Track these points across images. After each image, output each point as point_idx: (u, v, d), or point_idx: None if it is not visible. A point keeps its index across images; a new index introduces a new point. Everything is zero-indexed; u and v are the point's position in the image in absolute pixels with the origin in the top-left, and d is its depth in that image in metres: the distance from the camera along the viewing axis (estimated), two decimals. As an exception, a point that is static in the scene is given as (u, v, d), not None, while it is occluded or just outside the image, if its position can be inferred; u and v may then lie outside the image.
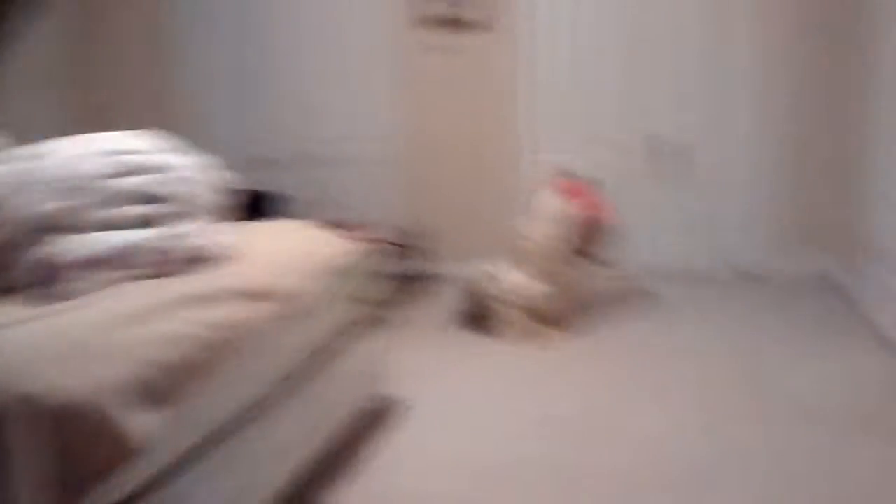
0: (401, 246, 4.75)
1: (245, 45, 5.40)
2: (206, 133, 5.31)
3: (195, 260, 2.12)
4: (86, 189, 2.01)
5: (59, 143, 2.19)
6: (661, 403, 3.03)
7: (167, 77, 5.42)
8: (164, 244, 2.04)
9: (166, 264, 2.03)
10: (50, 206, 1.95)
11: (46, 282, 1.86)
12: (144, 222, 2.07)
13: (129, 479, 1.56)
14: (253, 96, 5.45)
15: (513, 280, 3.88)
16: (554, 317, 3.84)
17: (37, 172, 2.01)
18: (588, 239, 3.93)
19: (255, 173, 5.42)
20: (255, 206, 4.60)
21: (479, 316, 3.98)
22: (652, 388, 3.19)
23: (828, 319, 3.85)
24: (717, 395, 3.09)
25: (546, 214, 3.88)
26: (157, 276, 2.00)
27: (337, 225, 4.45)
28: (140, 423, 1.56)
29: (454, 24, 4.91)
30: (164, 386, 1.66)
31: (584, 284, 4.05)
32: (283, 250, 2.47)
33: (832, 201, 4.49)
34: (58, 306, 1.78)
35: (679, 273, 4.82)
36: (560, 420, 2.89)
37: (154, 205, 2.14)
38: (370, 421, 2.90)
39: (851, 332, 3.62)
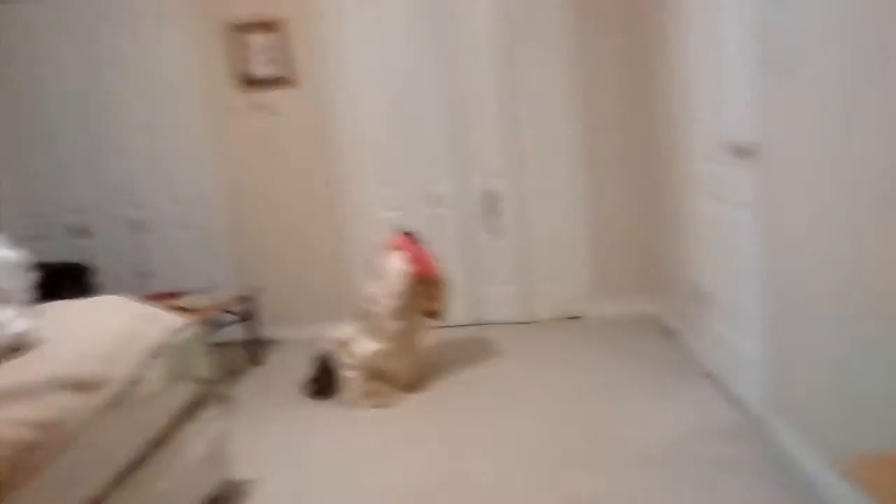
0: (231, 313, 4.57)
1: (45, 114, 5.12)
2: None
3: (14, 349, 1.93)
4: None
5: None
6: (498, 456, 3.06)
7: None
8: (-25, 335, 1.84)
9: (-23, 357, 1.83)
10: None
11: None
12: (-51, 311, 1.86)
13: None
14: (53, 165, 5.15)
15: (354, 342, 3.83)
16: (397, 375, 3.83)
17: None
18: (423, 294, 3.97)
19: (58, 244, 5.12)
20: (61, 280, 4.30)
21: (320, 381, 3.90)
22: (491, 441, 3.21)
23: (659, 362, 4.02)
24: (556, 442, 3.14)
25: (383, 273, 3.89)
26: (-33, 370, 1.79)
27: (158, 297, 4.25)
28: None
29: (266, 82, 4.89)
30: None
31: (423, 340, 4.08)
32: (105, 331, 2.28)
33: (657, 247, 4.79)
34: None
35: (512, 319, 4.99)
36: (402, 487, 2.86)
37: (-40, 291, 1.93)
38: (213, 508, 2.74)
39: (682, 373, 3.80)
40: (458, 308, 4.77)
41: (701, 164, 3.61)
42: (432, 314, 4.06)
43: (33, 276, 2.34)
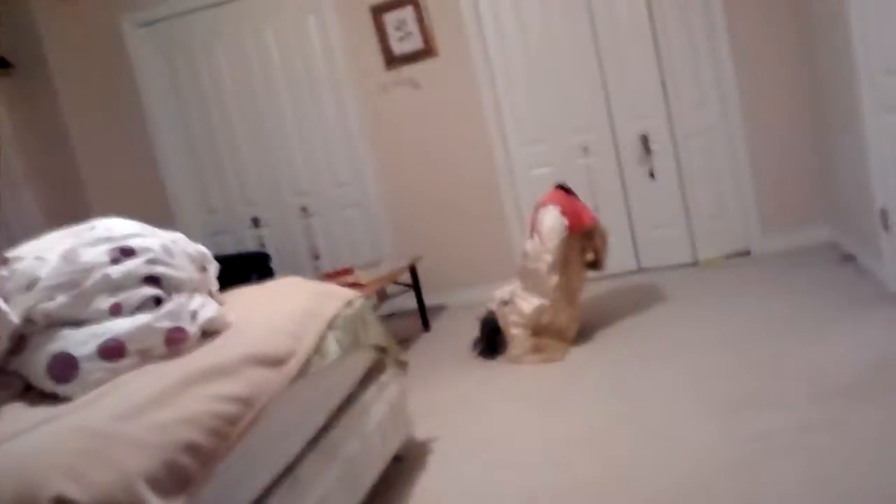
0: (398, 283, 4.77)
1: (210, 118, 5.52)
2: (176, 206, 5.48)
3: (207, 333, 2.13)
4: (89, 279, 2.02)
5: (48, 238, 2.22)
6: (671, 399, 3.00)
7: (139, 158, 5.52)
8: (175, 322, 2.05)
9: (179, 342, 2.04)
10: (58, 300, 1.96)
11: (64, 377, 1.86)
12: (150, 303, 2.08)
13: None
14: (222, 165, 5.54)
15: (517, 299, 3.90)
16: (561, 329, 3.86)
17: (40, 270, 2.02)
18: (581, 246, 3.96)
19: (233, 236, 5.53)
20: (242, 269, 4.64)
21: (487, 340, 4.00)
22: (662, 385, 3.16)
23: (840, 290, 3.73)
24: (731, 381, 3.02)
25: (539, 229, 3.91)
26: (171, 355, 2.01)
27: (329, 275, 4.51)
28: (174, 507, 1.56)
29: (407, 57, 4.99)
30: (191, 467, 1.66)
31: (585, 292, 4.07)
32: (286, 310, 2.45)
33: (829, 171, 4.51)
34: (79, 401, 1.78)
35: (676, 265, 4.87)
36: (582, 441, 2.87)
37: (155, 285, 2.16)
38: (398, 466, 2.90)
39: (866, 299, 3.51)
40: (618, 256, 4.73)
41: (881, 77, 3.31)
42: (593, 265, 4.05)
43: (217, 267, 2.56)
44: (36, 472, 1.44)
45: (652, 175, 4.84)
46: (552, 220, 3.89)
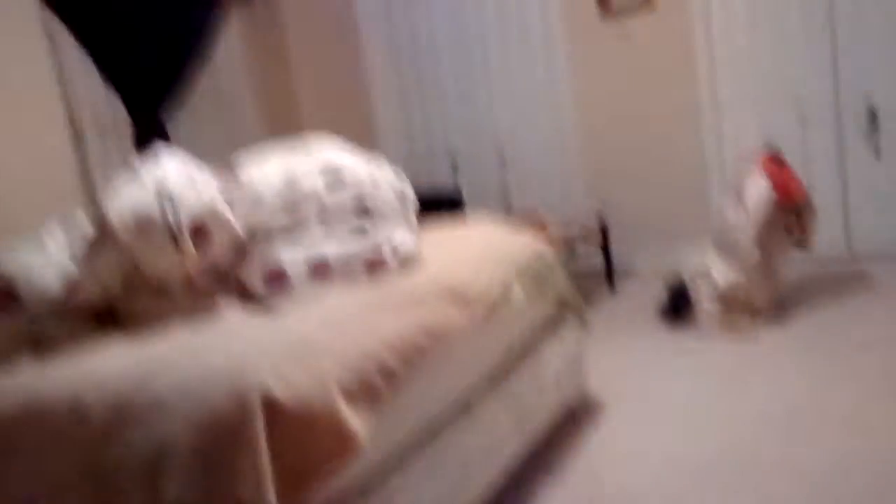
0: (587, 241, 4.73)
1: (419, 48, 5.67)
2: (380, 133, 5.73)
3: (402, 264, 2.25)
4: (307, 203, 2.19)
5: (272, 158, 2.41)
6: (860, 390, 2.81)
7: (351, 86, 5.80)
8: (377, 251, 2.18)
9: (378, 269, 2.17)
10: (278, 219, 2.15)
11: (276, 287, 2.04)
12: (358, 232, 2.22)
13: (346, 476, 1.67)
14: (428, 104, 5.70)
15: (712, 270, 3.76)
16: (756, 306, 3.68)
17: (264, 189, 2.21)
18: (787, 222, 3.73)
19: (430, 174, 5.70)
20: (439, 208, 4.78)
21: (676, 308, 3.90)
22: (854, 375, 2.96)
23: None
24: None
25: (744, 198, 3.72)
26: (370, 280, 2.14)
27: (521, 220, 4.55)
28: (361, 420, 1.68)
29: (623, 10, 4.85)
30: (381, 385, 1.78)
31: (786, 269, 3.85)
32: (477, 253, 2.53)
33: None
34: (287, 309, 1.96)
35: (892, 251, 4.48)
36: (762, 421, 2.75)
37: (364, 214, 2.30)
38: (571, 419, 2.93)
39: None
40: (828, 238, 4.41)
41: None
42: (798, 243, 3.81)
43: (416, 202, 2.67)
44: (248, 370, 1.60)
45: (877, 154, 4.44)
46: (760, 192, 3.69)
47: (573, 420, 2.93)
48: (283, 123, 5.59)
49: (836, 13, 4.40)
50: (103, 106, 4.45)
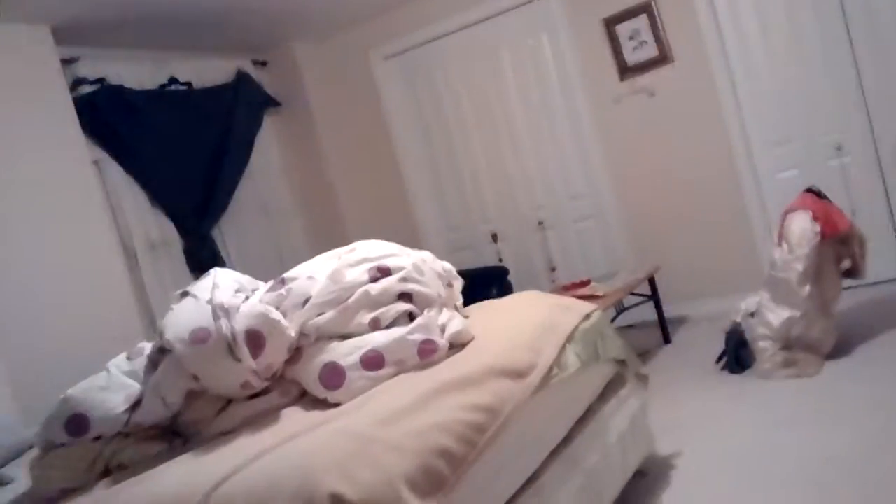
0: (636, 295, 4.71)
1: (450, 139, 5.81)
2: (421, 226, 5.82)
3: (454, 345, 2.28)
4: (352, 296, 2.25)
5: (317, 260, 2.50)
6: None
7: (388, 182, 5.95)
8: (426, 335, 2.21)
9: (430, 353, 2.20)
10: (327, 315, 2.21)
11: (332, 384, 2.09)
12: (404, 318, 2.27)
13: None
14: (462, 184, 5.80)
15: (765, 311, 3.70)
16: (814, 342, 3.61)
17: (311, 289, 2.29)
18: (835, 253, 3.69)
19: (473, 251, 5.77)
20: (482, 284, 4.82)
21: (734, 354, 3.83)
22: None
23: None
24: None
25: (789, 234, 3.68)
26: (423, 365, 2.17)
27: (567, 288, 4.56)
28: (430, 508, 1.69)
29: (641, 66, 4.93)
30: (444, 471, 1.79)
31: (842, 302, 3.78)
32: (526, 324, 2.55)
33: None
34: (345, 406, 1.99)
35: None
36: (838, 460, 2.68)
37: (408, 301, 2.35)
38: (642, 482, 2.88)
39: None
40: (881, 263, 4.34)
41: None
42: (850, 273, 3.75)
43: (462, 283, 2.72)
44: (313, 471, 1.63)
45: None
46: (802, 225, 3.66)
47: (643, 481, 2.88)
48: (326, 227, 5.75)
49: (856, 40, 4.43)
50: (152, 224, 4.64)
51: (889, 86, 4.39)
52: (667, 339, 4.72)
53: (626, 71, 5.00)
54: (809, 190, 3.84)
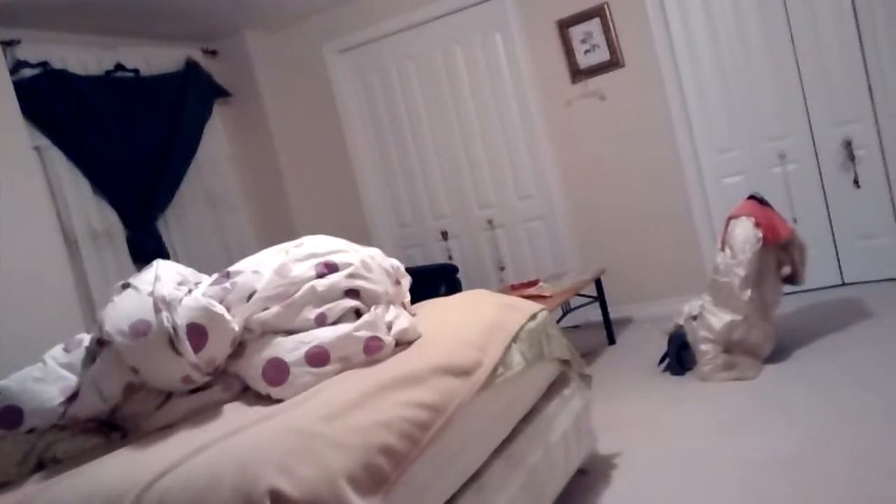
0: (582, 296, 4.76)
1: (403, 136, 5.80)
2: (371, 222, 5.79)
3: (400, 343, 2.28)
4: (298, 291, 2.22)
5: (263, 254, 2.47)
6: (870, 427, 2.79)
7: (339, 177, 5.90)
8: (373, 332, 2.20)
9: (376, 350, 2.19)
10: (272, 310, 2.18)
11: (277, 380, 2.06)
12: (350, 314, 2.26)
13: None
14: (414, 180, 5.79)
15: (707, 314, 3.78)
16: (754, 346, 3.70)
17: (257, 283, 2.26)
18: (776, 259, 3.78)
19: (422, 249, 5.76)
20: (431, 282, 4.83)
21: (675, 356, 3.91)
22: (861, 410, 2.94)
23: None
24: None
25: (732, 239, 3.77)
26: (368, 362, 2.16)
27: (514, 288, 4.59)
28: (371, 505, 1.68)
29: (592, 70, 4.99)
30: (386, 468, 1.78)
31: (782, 307, 3.88)
32: (472, 322, 2.55)
33: None
34: (288, 402, 1.97)
35: (884, 279, 4.52)
36: (775, 462, 2.74)
37: (355, 297, 2.34)
38: (583, 480, 2.92)
39: None
40: (819, 269, 4.47)
41: None
42: (790, 279, 3.85)
43: (410, 280, 2.72)
44: (253, 466, 1.61)
45: (857, 183, 4.52)
46: (745, 231, 3.74)
47: (584, 480, 2.91)
48: (275, 221, 5.68)
49: (800, 49, 4.54)
50: (95, 213, 4.52)
51: (830, 96, 4.52)
52: (611, 340, 4.78)
53: (577, 73, 5.05)
54: (753, 196, 3.93)
